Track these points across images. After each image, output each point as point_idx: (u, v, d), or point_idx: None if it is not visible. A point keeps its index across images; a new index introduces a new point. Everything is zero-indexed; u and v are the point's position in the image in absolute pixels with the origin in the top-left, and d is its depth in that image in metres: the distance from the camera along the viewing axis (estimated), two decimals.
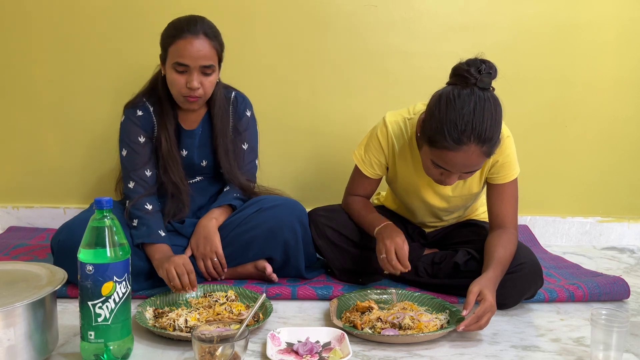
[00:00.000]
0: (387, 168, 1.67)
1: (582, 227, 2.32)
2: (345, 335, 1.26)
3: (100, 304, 1.11)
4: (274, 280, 1.63)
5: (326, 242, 1.67)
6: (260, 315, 1.37)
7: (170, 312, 1.36)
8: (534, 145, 2.25)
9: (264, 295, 1.35)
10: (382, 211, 1.78)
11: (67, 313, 1.41)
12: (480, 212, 1.77)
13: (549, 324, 1.45)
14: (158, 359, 1.21)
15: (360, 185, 1.70)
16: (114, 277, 1.11)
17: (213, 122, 1.71)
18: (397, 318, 1.34)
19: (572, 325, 1.44)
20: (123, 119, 1.69)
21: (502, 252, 1.45)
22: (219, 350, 1.10)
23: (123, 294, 1.13)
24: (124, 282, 1.13)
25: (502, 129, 1.51)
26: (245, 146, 1.76)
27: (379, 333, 1.30)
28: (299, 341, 1.26)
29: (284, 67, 2.18)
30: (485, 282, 1.35)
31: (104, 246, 1.11)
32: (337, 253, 1.67)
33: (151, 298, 1.45)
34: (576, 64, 2.22)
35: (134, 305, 1.35)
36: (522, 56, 2.20)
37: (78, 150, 2.21)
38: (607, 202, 2.32)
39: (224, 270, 1.63)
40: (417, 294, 1.54)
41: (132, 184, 1.64)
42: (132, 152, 1.66)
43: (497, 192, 1.56)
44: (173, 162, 1.67)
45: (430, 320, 1.35)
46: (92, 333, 1.12)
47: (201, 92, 1.60)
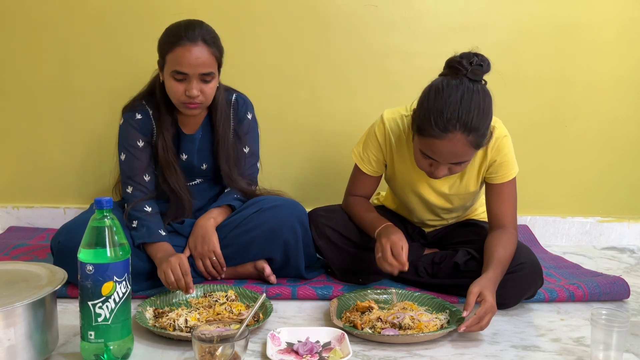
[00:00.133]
0: (386, 165, 1.67)
1: (582, 227, 2.32)
2: (345, 335, 1.26)
3: (100, 304, 1.11)
4: (272, 282, 1.62)
5: (326, 242, 1.67)
6: (260, 315, 1.37)
7: (170, 312, 1.36)
8: (534, 145, 2.25)
9: (264, 295, 1.35)
10: (382, 211, 1.78)
11: (67, 313, 1.40)
12: (480, 212, 1.77)
13: (549, 323, 1.45)
14: (158, 359, 1.21)
15: (360, 184, 1.70)
16: (114, 277, 1.11)
17: (214, 127, 1.69)
18: (397, 318, 1.34)
19: (572, 325, 1.44)
20: (122, 122, 1.67)
21: (502, 252, 1.45)
22: (219, 350, 1.10)
23: (123, 294, 1.13)
24: (124, 282, 1.13)
25: (500, 128, 1.52)
26: (246, 150, 1.75)
27: (379, 333, 1.30)
28: (299, 341, 1.25)
29: (284, 67, 2.17)
30: (485, 282, 1.35)
31: (104, 246, 1.11)
32: (337, 253, 1.67)
33: (151, 298, 1.45)
34: (576, 64, 2.22)
35: (134, 305, 1.35)
36: (522, 56, 2.20)
37: (78, 150, 2.21)
38: (607, 202, 2.32)
39: (223, 269, 1.63)
40: (417, 294, 1.54)
41: (130, 189, 1.63)
42: (131, 156, 1.64)
43: (496, 192, 1.57)
44: (171, 169, 1.65)
45: (430, 320, 1.35)
46: (92, 333, 1.12)
47: (201, 99, 1.58)
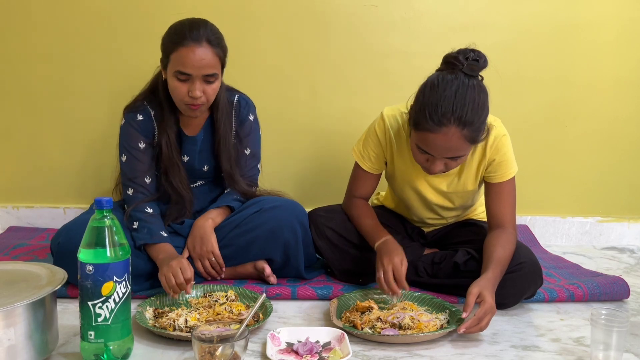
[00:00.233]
0: (386, 163, 1.67)
1: (582, 227, 2.32)
2: (345, 335, 1.26)
3: (100, 304, 1.11)
4: (272, 282, 1.62)
5: (326, 242, 1.67)
6: (260, 315, 1.37)
7: (170, 312, 1.36)
8: (534, 145, 2.25)
9: (264, 295, 1.35)
10: (382, 211, 1.78)
11: (67, 313, 1.40)
12: (480, 212, 1.77)
13: (549, 323, 1.45)
14: (158, 359, 1.21)
15: (360, 183, 1.70)
16: (114, 277, 1.11)
17: (216, 128, 1.69)
18: (397, 318, 1.34)
19: (572, 325, 1.44)
20: (123, 122, 1.66)
21: (501, 252, 1.45)
22: (219, 350, 1.10)
23: (123, 294, 1.13)
24: (124, 282, 1.13)
25: (499, 127, 1.52)
26: (247, 151, 1.74)
27: (379, 333, 1.30)
28: (299, 341, 1.25)
29: (284, 67, 2.17)
30: (484, 283, 1.35)
31: (104, 246, 1.11)
32: (337, 253, 1.67)
33: (151, 298, 1.45)
34: (576, 64, 2.22)
35: (134, 305, 1.35)
36: (522, 56, 2.20)
37: (78, 150, 2.21)
38: (607, 202, 2.32)
39: (222, 270, 1.63)
40: (417, 294, 1.54)
41: (131, 191, 1.63)
42: (132, 158, 1.64)
43: (495, 191, 1.57)
44: (174, 168, 1.65)
45: (430, 320, 1.35)
46: (92, 333, 1.12)
47: (204, 100, 1.57)
